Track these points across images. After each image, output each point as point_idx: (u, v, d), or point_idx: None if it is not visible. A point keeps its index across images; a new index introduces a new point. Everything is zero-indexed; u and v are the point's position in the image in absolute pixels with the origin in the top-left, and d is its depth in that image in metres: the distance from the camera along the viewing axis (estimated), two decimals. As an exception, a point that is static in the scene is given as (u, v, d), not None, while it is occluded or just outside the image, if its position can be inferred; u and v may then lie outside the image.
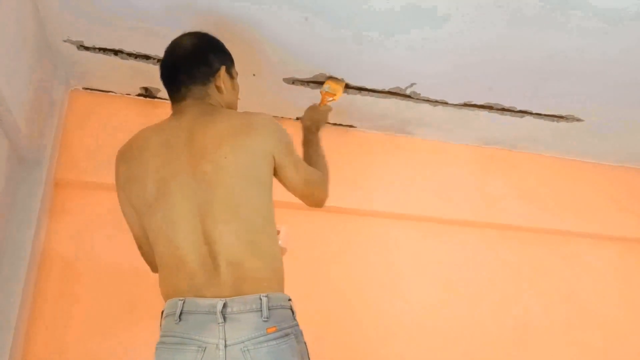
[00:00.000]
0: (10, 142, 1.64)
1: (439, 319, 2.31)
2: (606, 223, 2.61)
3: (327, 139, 1.82)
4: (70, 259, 1.95)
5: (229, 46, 1.74)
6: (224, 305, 1.18)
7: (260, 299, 1.20)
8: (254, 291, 1.21)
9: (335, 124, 2.35)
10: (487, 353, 2.32)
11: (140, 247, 1.45)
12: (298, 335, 1.25)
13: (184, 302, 1.21)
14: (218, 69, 1.45)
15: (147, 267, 1.46)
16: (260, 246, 1.27)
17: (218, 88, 1.44)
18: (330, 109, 1.90)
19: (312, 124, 1.78)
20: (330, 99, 1.94)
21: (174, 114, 1.43)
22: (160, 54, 1.81)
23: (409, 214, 2.35)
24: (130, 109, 2.11)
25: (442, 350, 2.27)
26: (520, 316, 2.42)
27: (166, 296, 1.28)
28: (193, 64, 1.43)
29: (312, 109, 1.85)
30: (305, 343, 1.27)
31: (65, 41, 1.77)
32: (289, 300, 1.29)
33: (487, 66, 1.84)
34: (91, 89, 2.09)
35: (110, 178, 1.99)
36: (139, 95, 2.12)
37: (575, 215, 2.57)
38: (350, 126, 2.37)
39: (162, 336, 1.24)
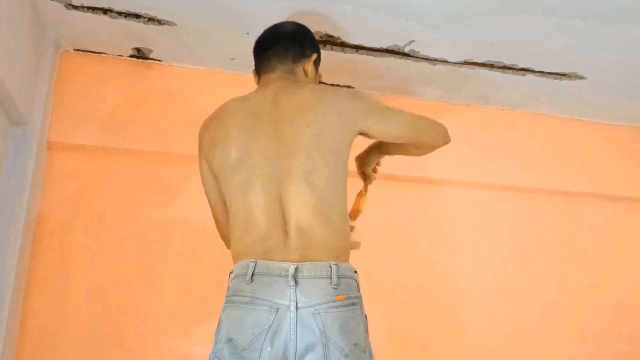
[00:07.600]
0: (0, 105, 1.61)
1: (441, 278, 2.32)
2: (608, 183, 2.59)
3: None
4: (66, 222, 1.95)
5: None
6: (296, 269, 1.23)
7: (330, 267, 1.25)
8: (323, 259, 1.26)
9: (332, 85, 2.31)
10: (484, 315, 2.34)
11: (215, 219, 1.49)
12: (362, 307, 1.30)
13: (255, 264, 1.25)
14: (309, 55, 1.53)
15: (140, 229, 1.44)
16: (330, 217, 1.31)
17: (305, 71, 1.52)
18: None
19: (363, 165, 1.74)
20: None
21: (260, 87, 1.50)
22: (151, 12, 1.78)
23: (407, 176, 2.32)
24: (123, 71, 2.08)
25: (422, 310, 2.29)
26: (518, 277, 2.43)
27: (237, 256, 1.32)
28: (291, 40, 1.52)
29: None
30: (365, 316, 1.31)
31: (52, 0, 1.72)
32: (355, 272, 1.33)
33: (488, 19, 1.79)
34: (82, 51, 2.05)
35: (103, 141, 2.00)
36: (131, 56, 2.07)
37: (577, 175, 2.55)
38: (348, 87, 2.33)
39: (230, 295, 1.28)
